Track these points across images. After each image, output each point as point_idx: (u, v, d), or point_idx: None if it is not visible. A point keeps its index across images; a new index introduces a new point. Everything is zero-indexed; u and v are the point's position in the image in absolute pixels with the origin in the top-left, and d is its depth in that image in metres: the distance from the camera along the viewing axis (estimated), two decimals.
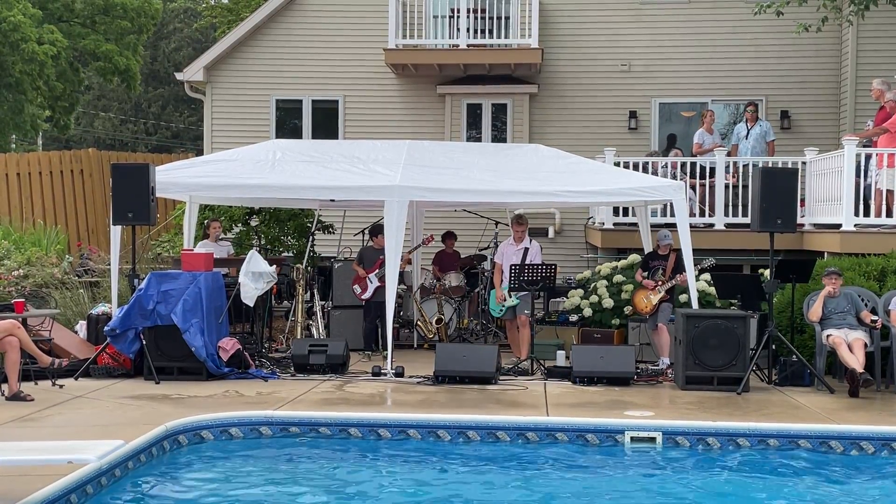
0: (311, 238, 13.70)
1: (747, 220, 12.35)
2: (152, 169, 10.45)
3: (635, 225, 13.31)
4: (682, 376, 10.02)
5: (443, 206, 13.63)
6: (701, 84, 16.71)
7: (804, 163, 13.44)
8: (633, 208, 13.44)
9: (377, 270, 12.11)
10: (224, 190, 11.61)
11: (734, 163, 14.01)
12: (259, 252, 11.95)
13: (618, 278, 12.55)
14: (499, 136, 17.02)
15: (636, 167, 13.79)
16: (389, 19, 16.38)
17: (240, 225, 14.75)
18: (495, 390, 9.82)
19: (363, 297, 12.30)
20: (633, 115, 16.81)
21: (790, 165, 12.64)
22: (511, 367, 10.91)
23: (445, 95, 17.01)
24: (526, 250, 11.50)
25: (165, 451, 7.57)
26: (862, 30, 15.60)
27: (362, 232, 13.76)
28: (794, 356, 10.28)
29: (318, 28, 17.34)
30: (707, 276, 11.95)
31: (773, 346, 10.42)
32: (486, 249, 14.29)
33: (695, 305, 11.00)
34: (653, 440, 8.01)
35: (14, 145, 33.46)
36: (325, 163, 11.64)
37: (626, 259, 12.86)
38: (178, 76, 17.86)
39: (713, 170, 13.91)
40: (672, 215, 12.18)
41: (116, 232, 11.15)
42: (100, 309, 11.60)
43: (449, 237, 14.03)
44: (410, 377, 10.43)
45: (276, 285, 11.71)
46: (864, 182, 12.27)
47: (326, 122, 17.38)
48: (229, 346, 10.47)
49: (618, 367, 10.24)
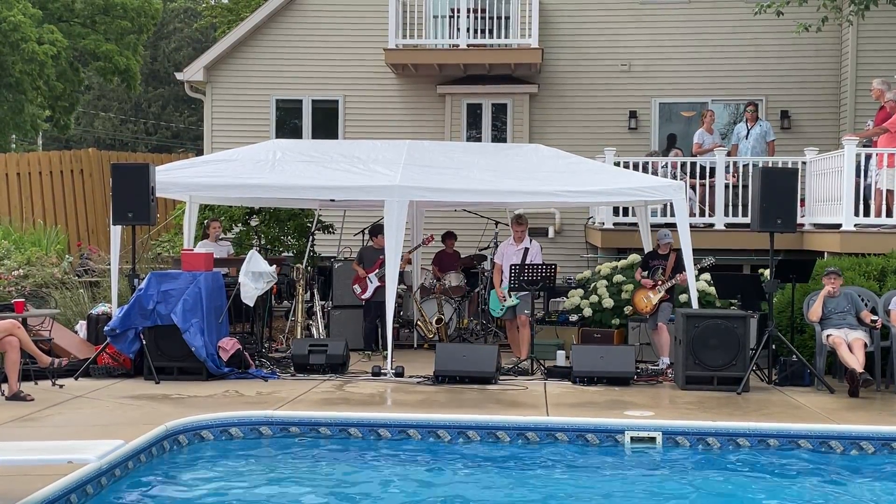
0: (311, 238, 13.70)
1: (747, 220, 12.35)
2: (152, 169, 10.45)
3: (635, 225, 13.31)
4: (682, 376, 10.02)
5: (443, 206, 13.63)
6: (701, 84, 16.71)
7: (804, 163, 13.44)
8: (633, 208, 13.45)
9: (377, 270, 12.11)
10: (224, 190, 11.62)
11: (734, 163, 14.01)
12: (259, 252, 11.95)
13: (618, 278, 12.55)
14: (499, 136, 17.02)
15: (636, 167, 13.79)
16: (389, 19, 16.38)
17: (240, 225, 14.75)
18: (495, 390, 9.82)
19: (363, 297, 12.30)
20: (633, 115, 16.81)
21: (790, 165, 12.65)
22: (511, 367, 10.91)
23: (445, 95, 17.01)
24: (526, 250, 11.50)
25: (165, 450, 7.57)
26: (862, 30, 15.59)
27: (362, 232, 13.76)
28: (794, 356, 10.28)
29: (318, 28, 17.34)
30: (707, 276, 11.95)
31: (773, 346, 10.42)
32: (486, 249, 14.29)
33: (695, 305, 11.00)
34: (653, 440, 8.01)
35: (14, 145, 33.44)
36: (325, 163, 11.64)
37: (626, 259, 12.86)
38: (178, 76, 17.86)
39: (713, 170, 13.91)
40: (672, 215, 12.18)
41: (116, 232, 11.15)
42: (100, 309, 11.60)
43: (449, 237, 14.02)
44: (410, 377, 10.43)
45: (276, 285, 11.70)
46: (864, 182, 12.27)
47: (326, 122, 17.38)
48: (229, 346, 10.47)
49: (618, 367, 10.24)
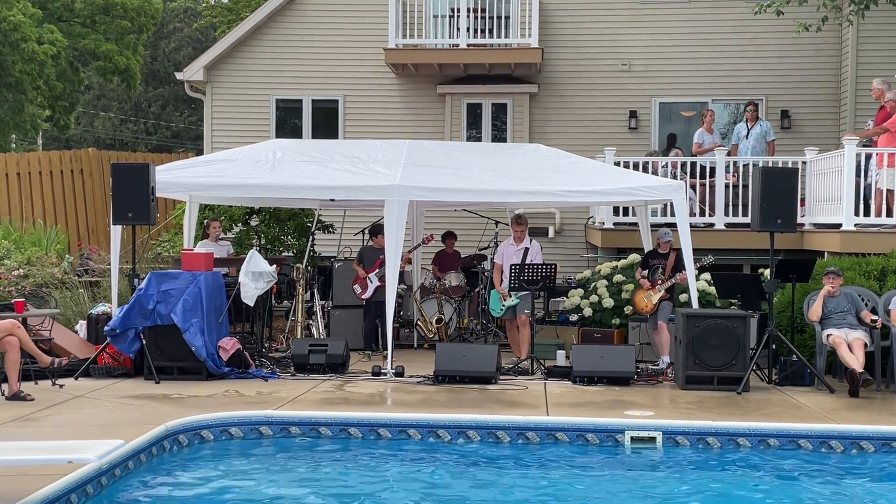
0: (311, 238, 13.70)
1: (747, 220, 12.35)
2: (152, 169, 10.44)
3: (635, 225, 13.31)
4: (683, 376, 10.02)
5: (443, 205, 13.63)
6: (701, 84, 16.71)
7: (804, 162, 13.44)
8: (633, 208, 13.44)
9: (377, 270, 12.11)
10: (224, 190, 11.62)
11: (734, 162, 14.01)
12: (259, 252, 11.95)
13: (618, 278, 12.54)
14: (499, 135, 17.02)
15: (636, 167, 13.79)
16: (389, 19, 16.37)
17: (240, 224, 14.74)
18: (495, 390, 9.82)
19: (363, 297, 12.30)
20: (633, 114, 16.81)
21: (790, 165, 12.65)
22: (511, 366, 10.90)
23: (445, 95, 17.00)
24: (526, 250, 11.50)
25: (165, 450, 7.57)
26: (862, 29, 15.59)
27: (362, 232, 13.76)
28: (795, 356, 10.28)
29: (318, 28, 17.34)
30: (707, 276, 11.95)
31: (774, 346, 10.42)
32: (486, 249, 14.29)
33: (695, 305, 11.00)
34: (653, 440, 8.01)
35: (14, 145, 33.44)
36: (325, 162, 11.64)
37: (626, 259, 12.86)
38: (178, 76, 17.86)
39: (713, 169, 13.91)
40: (672, 215, 12.18)
41: (116, 232, 11.15)
42: (100, 309, 11.60)
43: (449, 237, 14.02)
44: (410, 377, 10.42)
45: (276, 285, 11.70)
46: (865, 182, 12.27)
47: (326, 122, 17.38)
48: (229, 345, 10.47)
49: (618, 366, 10.24)
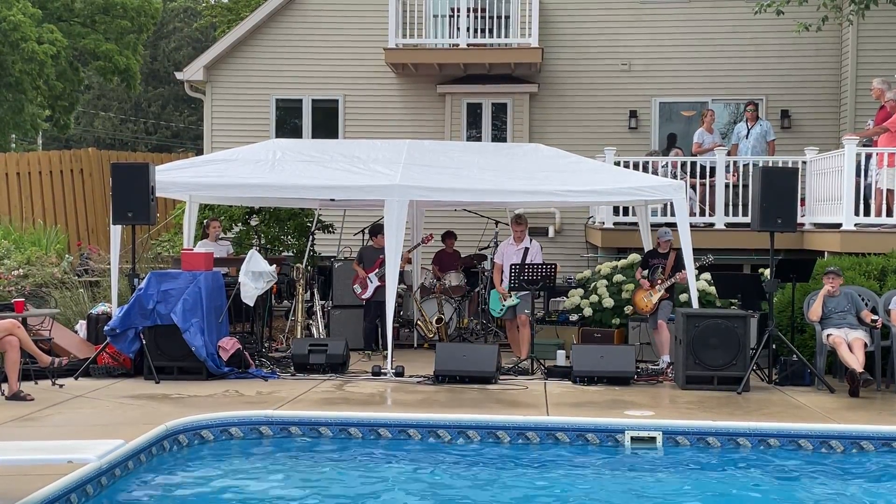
0: (311, 237, 13.69)
1: (747, 220, 12.35)
2: (152, 168, 10.44)
3: (635, 224, 13.31)
4: (683, 376, 10.02)
5: (443, 205, 13.62)
6: (701, 83, 16.70)
7: (804, 162, 13.44)
8: (633, 208, 13.44)
9: (377, 270, 12.10)
10: (224, 189, 11.61)
11: (734, 162, 14.00)
12: (259, 251, 11.95)
13: (618, 278, 12.54)
14: (499, 135, 17.01)
15: (636, 167, 13.79)
16: (389, 18, 16.37)
17: (240, 224, 14.74)
18: (495, 390, 9.82)
19: (363, 297, 12.30)
20: (633, 114, 16.80)
21: (790, 165, 12.65)
22: (511, 366, 10.90)
23: (445, 95, 17.00)
24: (526, 250, 11.50)
25: (165, 450, 7.57)
26: (862, 29, 15.58)
27: (362, 231, 13.76)
28: (795, 356, 10.28)
29: (318, 27, 17.34)
30: (707, 276, 11.95)
31: (774, 346, 10.42)
32: (486, 249, 14.29)
33: (695, 305, 10.99)
34: (653, 440, 8.00)
35: (14, 145, 33.43)
36: (325, 162, 11.64)
37: (626, 258, 12.86)
38: (178, 76, 17.86)
39: (713, 169, 13.90)
40: (672, 215, 12.18)
41: (116, 231, 11.14)
42: (100, 308, 11.59)
43: (449, 237, 14.02)
44: (410, 377, 10.42)
45: (276, 285, 11.70)
46: (865, 181, 12.27)
47: (326, 122, 17.37)
48: (229, 345, 10.47)
49: (618, 366, 10.24)
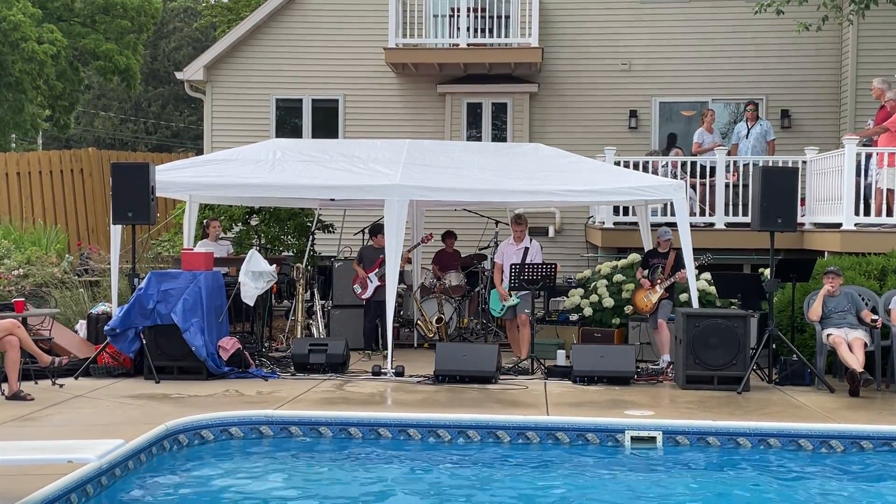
0: (311, 237, 13.69)
1: (748, 220, 12.35)
2: (152, 168, 10.44)
3: (635, 224, 13.31)
4: (683, 375, 10.02)
5: (443, 205, 13.63)
6: (701, 83, 16.70)
7: (804, 162, 13.44)
8: (633, 207, 13.44)
9: (377, 270, 12.11)
10: (224, 189, 11.61)
11: (734, 162, 14.00)
12: (259, 251, 11.95)
13: (618, 277, 12.54)
14: (499, 135, 17.01)
15: (636, 166, 13.79)
16: (389, 18, 16.37)
17: (240, 224, 14.74)
18: (495, 390, 9.82)
19: (363, 297, 12.30)
20: (633, 114, 16.80)
21: (790, 164, 12.65)
22: (511, 366, 10.90)
23: (445, 94, 17.00)
24: (526, 250, 11.50)
25: (166, 450, 7.56)
26: (862, 29, 15.58)
27: (362, 231, 13.76)
28: (795, 355, 10.28)
29: (318, 27, 17.33)
30: (707, 276, 11.95)
31: (774, 346, 10.42)
32: (486, 249, 14.30)
33: (695, 304, 11.00)
34: (653, 440, 8.00)
35: (14, 145, 33.42)
36: (325, 162, 11.63)
37: (626, 258, 12.86)
38: (179, 75, 17.86)
39: (713, 169, 13.90)
40: (672, 214, 12.18)
41: (116, 231, 11.15)
42: (100, 308, 11.59)
43: (449, 236, 14.01)
44: (410, 376, 10.42)
45: (276, 285, 11.70)
46: (865, 181, 12.27)
47: (326, 122, 17.37)
48: (229, 345, 10.47)
49: (618, 366, 10.24)
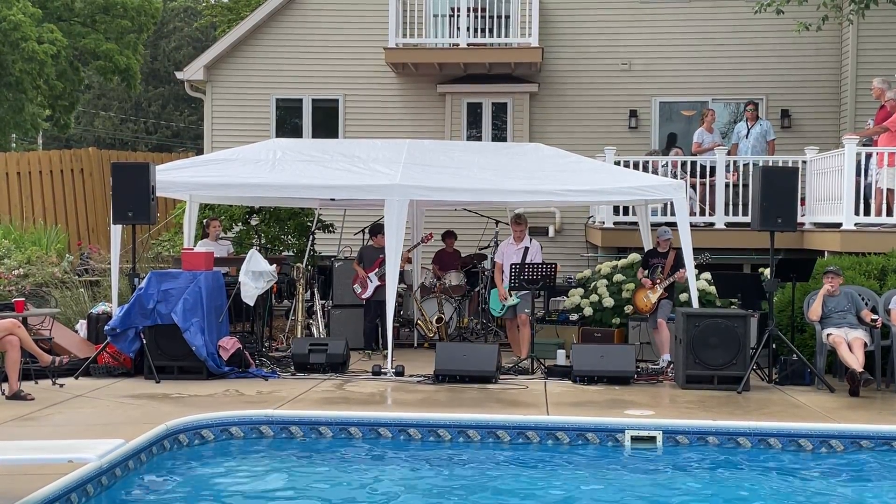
0: (311, 237, 13.70)
1: (748, 219, 12.36)
2: (152, 168, 10.44)
3: (636, 224, 13.31)
4: (683, 375, 10.02)
5: (443, 205, 13.63)
6: (701, 83, 16.71)
7: (804, 162, 13.44)
8: (633, 207, 13.44)
9: (377, 269, 12.11)
10: (224, 189, 11.61)
11: (734, 162, 14.01)
12: (259, 251, 11.96)
13: (618, 277, 12.54)
14: (499, 135, 17.02)
15: (636, 166, 13.79)
16: (389, 18, 16.37)
17: (240, 224, 14.75)
18: (495, 389, 9.82)
19: (363, 297, 12.30)
20: (633, 114, 16.81)
21: (790, 164, 12.65)
22: (511, 366, 10.90)
23: (446, 94, 17.00)
24: (526, 249, 11.50)
25: (166, 450, 7.56)
26: (862, 29, 15.58)
27: (362, 231, 13.76)
28: (795, 355, 10.29)
29: (318, 27, 17.34)
30: (707, 275, 11.95)
31: (774, 345, 10.42)
32: (486, 248, 14.30)
33: (695, 304, 11.00)
34: (653, 439, 8.00)
35: (14, 144, 33.42)
36: (326, 162, 11.64)
37: (626, 258, 12.86)
38: (179, 75, 17.86)
39: (713, 169, 13.91)
40: (672, 214, 12.18)
41: (117, 231, 11.16)
42: (100, 308, 11.60)
43: (449, 236, 14.02)
44: (411, 376, 10.42)
45: (276, 284, 11.70)
46: (865, 181, 12.27)
47: (326, 122, 17.38)
48: (229, 345, 10.47)
49: (618, 366, 10.24)
